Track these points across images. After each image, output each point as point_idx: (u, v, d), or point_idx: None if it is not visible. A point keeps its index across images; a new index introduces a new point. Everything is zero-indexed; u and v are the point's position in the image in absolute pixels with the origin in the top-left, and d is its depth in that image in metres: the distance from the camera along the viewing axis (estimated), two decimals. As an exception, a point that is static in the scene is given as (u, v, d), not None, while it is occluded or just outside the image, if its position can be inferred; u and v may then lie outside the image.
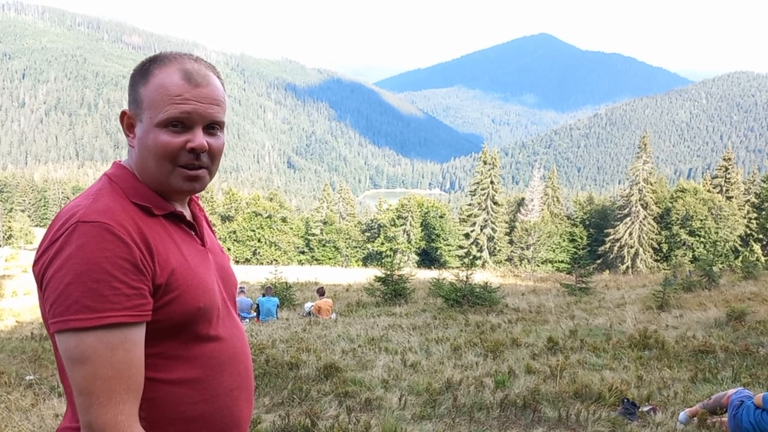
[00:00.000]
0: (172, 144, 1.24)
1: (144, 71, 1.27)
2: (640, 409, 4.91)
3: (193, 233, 1.37)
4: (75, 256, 1.11)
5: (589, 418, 4.78)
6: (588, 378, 6.03)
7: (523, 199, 59.98)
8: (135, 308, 1.14)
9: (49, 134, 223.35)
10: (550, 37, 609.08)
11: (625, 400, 5.03)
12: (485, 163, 52.41)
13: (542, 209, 56.38)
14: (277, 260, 50.39)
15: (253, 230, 54.61)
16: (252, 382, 1.44)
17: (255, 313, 13.31)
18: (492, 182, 52.27)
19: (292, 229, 57.24)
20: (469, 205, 55.16)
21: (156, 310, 1.19)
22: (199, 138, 1.27)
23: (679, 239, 47.63)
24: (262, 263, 48.82)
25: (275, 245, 54.87)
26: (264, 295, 13.86)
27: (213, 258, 1.40)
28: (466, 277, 13.79)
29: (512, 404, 5.23)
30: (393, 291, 15.69)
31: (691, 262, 41.65)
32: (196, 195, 1.43)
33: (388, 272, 16.00)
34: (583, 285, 17.20)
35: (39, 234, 70.70)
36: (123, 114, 1.30)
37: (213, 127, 1.31)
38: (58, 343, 1.14)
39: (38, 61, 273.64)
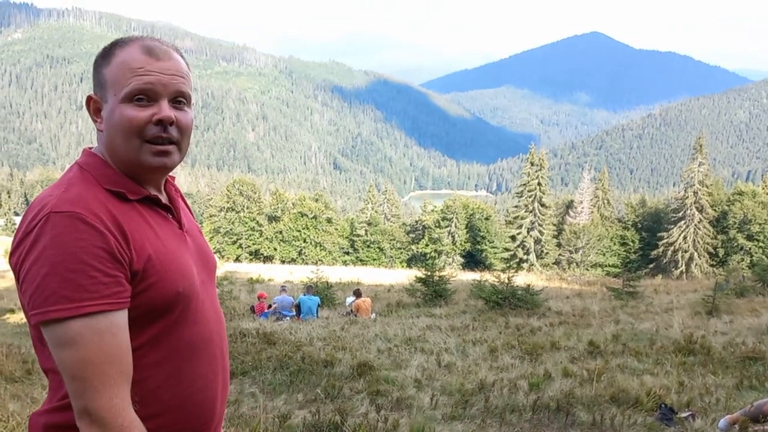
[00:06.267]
0: (139, 117, 1.23)
1: (106, 54, 1.27)
2: (678, 415, 4.75)
3: (170, 216, 1.36)
4: (50, 247, 1.11)
5: (624, 423, 4.66)
6: (626, 382, 5.86)
7: (572, 201, 58.87)
8: (113, 296, 1.14)
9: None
10: (602, 35, 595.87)
11: (663, 405, 4.87)
12: (532, 164, 51.65)
13: (592, 212, 55.20)
14: (322, 260, 50.86)
15: (299, 231, 55.23)
16: (227, 364, 1.44)
17: (295, 312, 13.46)
18: (539, 184, 51.47)
19: (337, 229, 57.66)
20: (516, 207, 54.49)
21: (134, 296, 1.19)
22: (166, 109, 1.26)
23: (736, 244, 45.89)
24: (307, 263, 49.32)
25: (320, 246, 55.38)
26: (305, 294, 14.01)
27: (191, 240, 1.39)
28: (508, 279, 13.62)
29: (545, 407, 5.14)
30: (433, 292, 15.61)
31: (749, 267, 40.11)
32: (172, 176, 1.42)
33: (429, 273, 15.94)
34: (631, 289, 16.73)
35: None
36: (89, 99, 1.28)
37: (179, 101, 1.29)
38: (44, 333, 1.15)
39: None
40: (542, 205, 51.90)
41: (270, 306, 14.19)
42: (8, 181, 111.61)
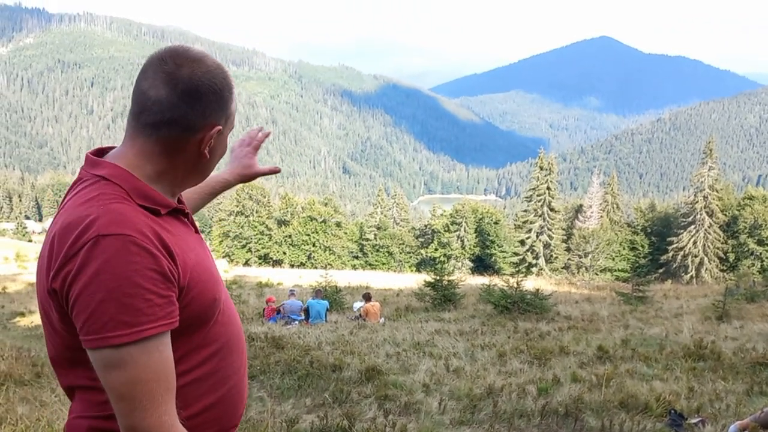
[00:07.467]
0: None
1: (230, 87, 1.30)
2: (687, 421, 4.72)
3: (186, 220, 1.37)
4: (103, 272, 1.09)
5: (634, 429, 4.63)
6: (636, 388, 5.84)
7: (581, 205, 58.68)
8: (167, 317, 1.15)
9: (115, 140, 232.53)
10: (612, 40, 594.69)
11: (672, 411, 4.85)
12: (542, 168, 51.55)
13: (601, 216, 55.00)
14: (331, 264, 50.91)
15: (308, 234, 55.36)
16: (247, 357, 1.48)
17: (304, 316, 13.47)
18: (548, 188, 51.36)
19: (346, 233, 57.74)
20: (525, 211, 54.37)
21: (180, 310, 1.20)
22: None
23: (746, 249, 45.57)
24: (316, 267, 49.42)
25: (330, 250, 55.48)
26: (314, 298, 14.03)
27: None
28: (517, 284, 13.59)
29: (554, 412, 5.12)
30: (442, 296, 15.60)
31: (760, 272, 39.79)
32: None
33: (438, 277, 15.92)
34: (640, 294, 16.66)
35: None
36: (219, 130, 1.29)
37: None
38: (92, 356, 1.13)
39: (106, 70, 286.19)
40: (551, 209, 51.76)
41: (279, 310, 14.22)
42: (20, 184, 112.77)
